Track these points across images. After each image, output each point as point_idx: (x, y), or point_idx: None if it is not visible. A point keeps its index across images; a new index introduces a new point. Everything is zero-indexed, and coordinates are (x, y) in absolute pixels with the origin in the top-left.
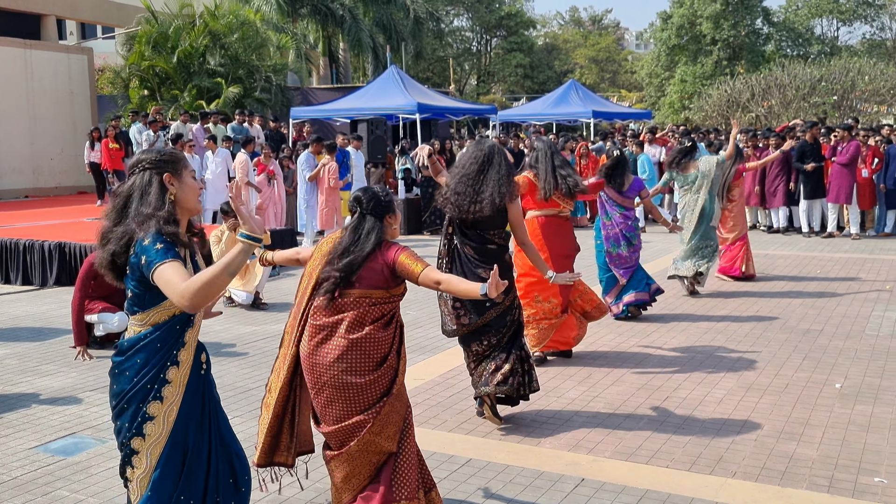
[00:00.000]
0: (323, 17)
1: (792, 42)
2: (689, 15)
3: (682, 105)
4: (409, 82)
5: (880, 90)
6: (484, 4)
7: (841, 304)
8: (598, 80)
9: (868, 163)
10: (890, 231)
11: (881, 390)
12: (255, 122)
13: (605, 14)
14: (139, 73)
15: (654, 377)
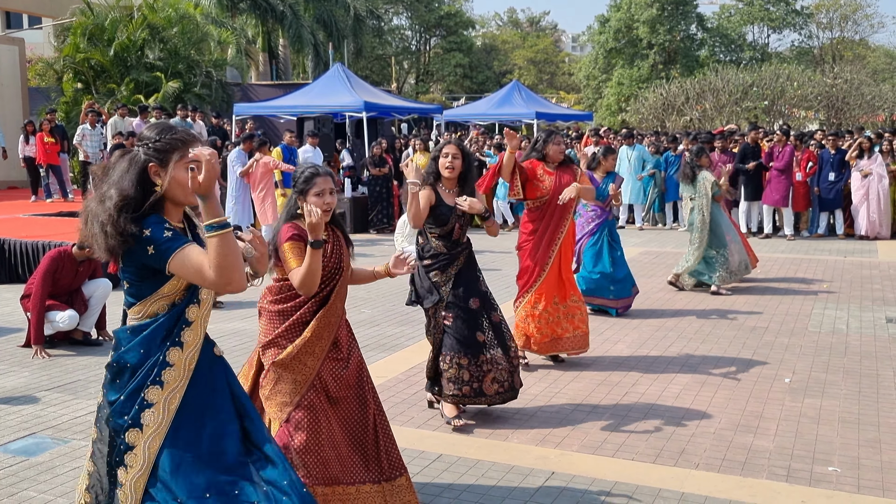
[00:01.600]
0: (263, 13)
1: (725, 48)
2: (627, 19)
3: (619, 107)
4: (354, 80)
5: (808, 96)
6: (423, 4)
7: (783, 303)
8: (536, 81)
9: (802, 167)
10: (822, 232)
11: (827, 384)
12: (198, 117)
13: (543, 16)
14: (74, 65)
15: (612, 373)
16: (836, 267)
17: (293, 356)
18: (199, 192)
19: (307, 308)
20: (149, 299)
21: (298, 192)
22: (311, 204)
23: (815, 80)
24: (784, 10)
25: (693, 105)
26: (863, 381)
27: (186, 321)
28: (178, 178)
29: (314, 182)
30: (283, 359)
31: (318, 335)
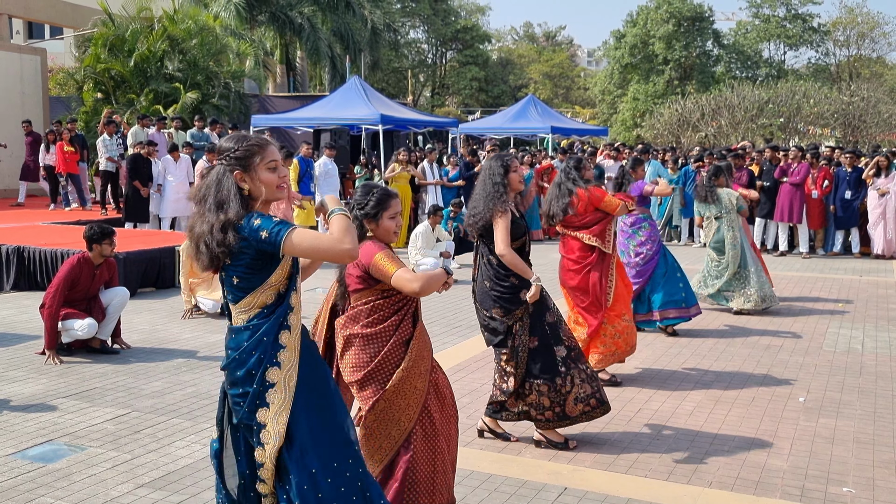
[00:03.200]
0: (281, 25)
1: (741, 64)
2: (643, 34)
3: (635, 122)
4: (371, 93)
5: (824, 114)
6: (440, 17)
7: (797, 321)
8: (551, 95)
9: (819, 184)
10: (838, 251)
11: (842, 405)
12: (216, 129)
13: (559, 30)
14: (94, 75)
15: (625, 389)
16: (852, 286)
17: (403, 379)
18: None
19: (405, 325)
20: (258, 290)
21: (368, 216)
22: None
23: (832, 98)
24: (801, 28)
25: (708, 121)
26: (878, 402)
27: (290, 307)
28: (263, 179)
29: (389, 204)
30: (396, 383)
31: (421, 354)
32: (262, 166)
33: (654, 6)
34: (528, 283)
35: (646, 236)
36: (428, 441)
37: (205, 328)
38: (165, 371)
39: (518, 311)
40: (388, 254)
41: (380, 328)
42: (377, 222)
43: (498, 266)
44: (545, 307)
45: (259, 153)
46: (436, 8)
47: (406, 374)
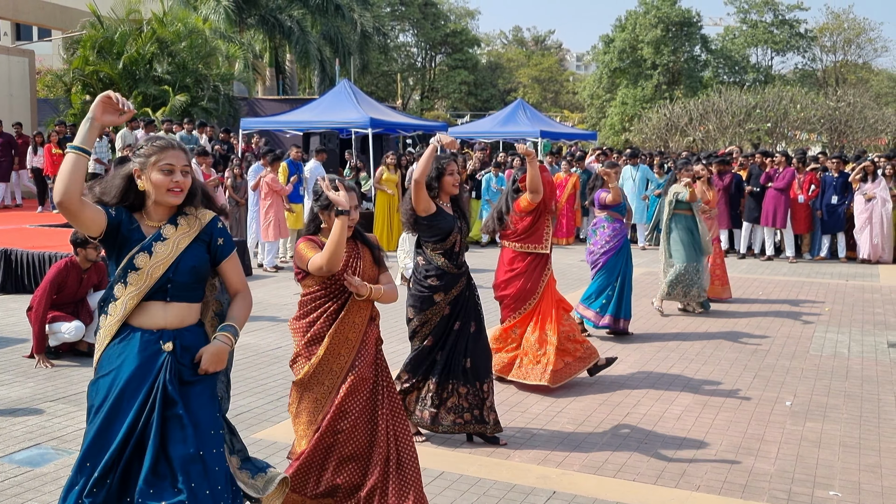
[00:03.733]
0: (270, 28)
1: (728, 69)
2: (631, 39)
3: (623, 127)
4: (361, 97)
5: (811, 119)
6: (430, 21)
7: (784, 325)
8: (540, 99)
9: (805, 189)
10: (825, 255)
11: (828, 408)
12: (205, 132)
13: (548, 35)
14: (82, 77)
15: (613, 393)
16: (838, 290)
17: (310, 375)
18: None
19: (321, 323)
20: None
21: (322, 207)
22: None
23: (819, 103)
24: (788, 33)
25: (696, 126)
26: (864, 406)
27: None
28: (153, 179)
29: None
30: (302, 378)
31: (334, 352)
32: (155, 167)
33: (642, 11)
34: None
35: (600, 236)
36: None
37: None
38: None
39: (428, 312)
40: (311, 244)
41: (302, 322)
42: (330, 214)
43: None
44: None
45: (157, 154)
46: (425, 12)
47: (313, 369)
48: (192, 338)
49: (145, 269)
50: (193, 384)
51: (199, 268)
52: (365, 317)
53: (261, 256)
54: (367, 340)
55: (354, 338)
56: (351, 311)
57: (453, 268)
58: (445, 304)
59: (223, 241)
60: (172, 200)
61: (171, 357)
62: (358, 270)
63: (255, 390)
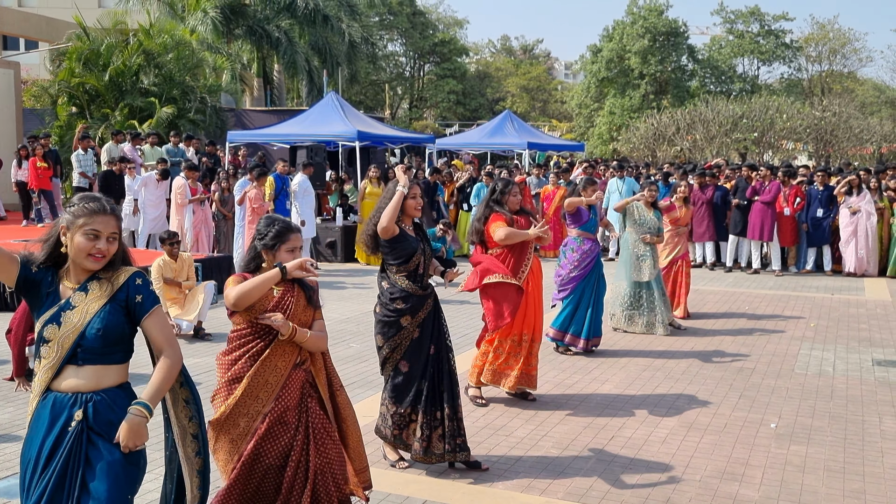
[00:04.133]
0: (258, 39)
1: (715, 79)
2: (619, 49)
3: (611, 136)
4: (348, 109)
5: (797, 128)
6: (418, 31)
7: (770, 342)
8: (528, 108)
9: (791, 202)
10: (810, 268)
11: (813, 430)
12: (192, 145)
13: (536, 44)
14: (68, 89)
15: (598, 416)
16: (824, 305)
17: (226, 415)
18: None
19: (243, 363)
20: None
21: (266, 247)
22: (282, 261)
23: (805, 113)
24: (774, 44)
25: (684, 135)
26: (848, 428)
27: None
28: (75, 241)
29: (287, 238)
30: (218, 418)
31: (252, 394)
32: (81, 230)
33: (629, 21)
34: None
35: (569, 258)
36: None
37: None
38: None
39: (397, 337)
40: (238, 280)
41: (225, 359)
42: (274, 254)
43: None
44: (432, 337)
45: (85, 217)
46: (414, 21)
47: (229, 410)
48: (108, 402)
49: (55, 342)
50: (103, 457)
51: (111, 331)
52: (289, 361)
53: None
54: (290, 385)
55: (275, 381)
56: (274, 354)
57: (418, 289)
58: (414, 328)
59: (142, 298)
60: (90, 266)
61: (81, 426)
62: (289, 312)
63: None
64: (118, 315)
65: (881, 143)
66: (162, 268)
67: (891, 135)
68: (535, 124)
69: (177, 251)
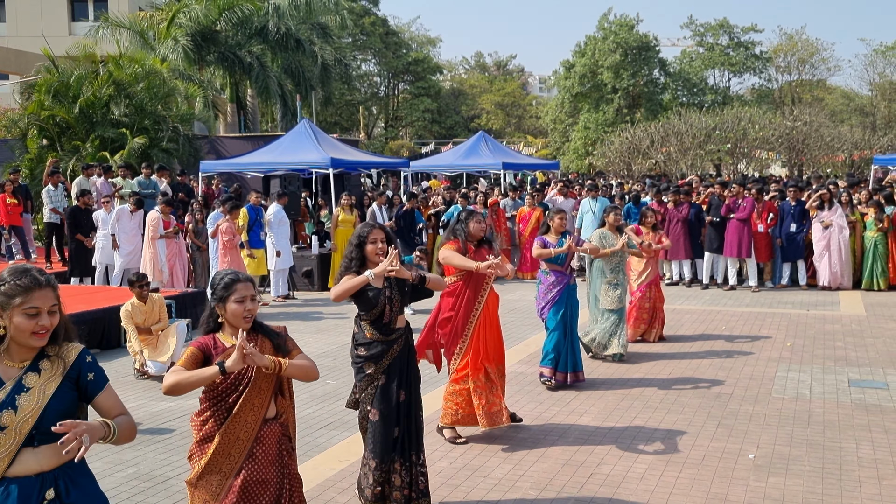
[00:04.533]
0: (230, 64)
1: (687, 91)
2: (591, 64)
3: (586, 151)
4: (321, 136)
5: (769, 138)
6: (391, 50)
7: (747, 365)
8: (504, 124)
9: (763, 218)
10: (786, 283)
11: (791, 460)
12: (164, 176)
13: (510, 59)
14: (38, 122)
15: (577, 451)
16: (800, 322)
17: (199, 475)
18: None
19: (213, 422)
20: None
21: (217, 300)
22: (232, 312)
23: (776, 123)
24: (744, 55)
25: (658, 148)
26: (826, 456)
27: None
28: (15, 322)
29: (234, 288)
30: (191, 478)
31: (224, 451)
32: (19, 310)
33: (601, 36)
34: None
35: (540, 289)
36: None
37: (150, 395)
38: (105, 448)
39: (363, 383)
40: (192, 352)
41: (197, 420)
42: (225, 306)
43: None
44: (402, 382)
45: (21, 295)
46: (387, 41)
47: (202, 469)
48: (73, 477)
49: (12, 427)
50: None
51: (68, 411)
52: (259, 415)
53: None
54: (263, 440)
55: (245, 437)
56: (243, 409)
57: (382, 336)
58: (379, 374)
59: (94, 376)
60: (36, 344)
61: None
62: (251, 368)
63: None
64: (72, 392)
65: (852, 151)
66: (131, 312)
67: (861, 142)
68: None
69: (146, 293)
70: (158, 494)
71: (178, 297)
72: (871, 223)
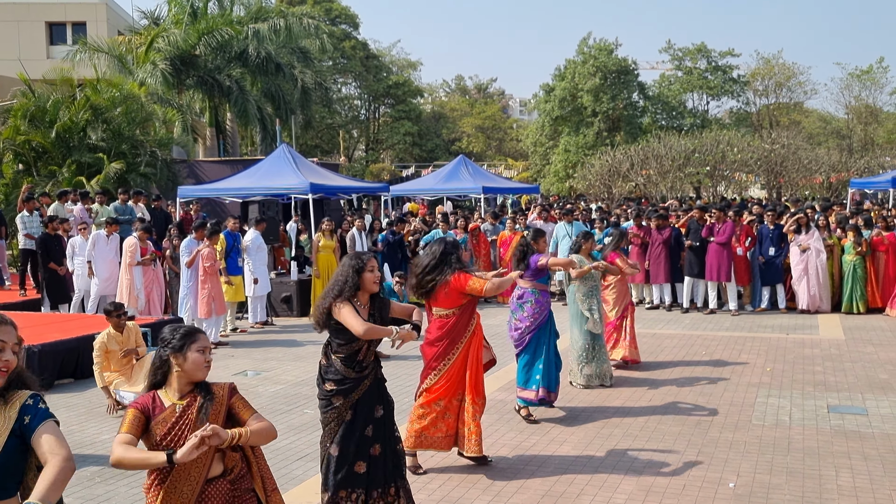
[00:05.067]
0: (209, 88)
1: (666, 115)
2: (571, 88)
3: (567, 174)
4: (300, 161)
5: (748, 161)
6: (372, 74)
7: (727, 390)
8: (484, 147)
9: (742, 241)
10: (765, 306)
11: (771, 489)
12: (140, 201)
13: (490, 82)
14: (14, 147)
15: (556, 482)
16: (779, 346)
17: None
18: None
19: (155, 489)
20: None
21: (174, 350)
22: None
23: (755, 146)
24: (721, 79)
25: (638, 171)
26: (806, 484)
27: None
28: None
29: (196, 337)
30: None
31: (176, 489)
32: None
33: (580, 60)
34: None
35: (528, 312)
36: None
37: None
38: (77, 482)
39: (328, 415)
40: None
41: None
42: (185, 355)
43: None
44: (370, 417)
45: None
46: (367, 64)
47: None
48: None
49: None
50: None
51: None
52: (195, 484)
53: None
54: (209, 499)
55: (189, 492)
56: (178, 479)
57: (352, 372)
58: (346, 409)
59: (30, 418)
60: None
61: None
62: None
63: None
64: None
65: (830, 173)
66: (106, 342)
67: (839, 164)
68: (492, 163)
69: (123, 323)
70: None
71: (154, 325)
72: (850, 247)
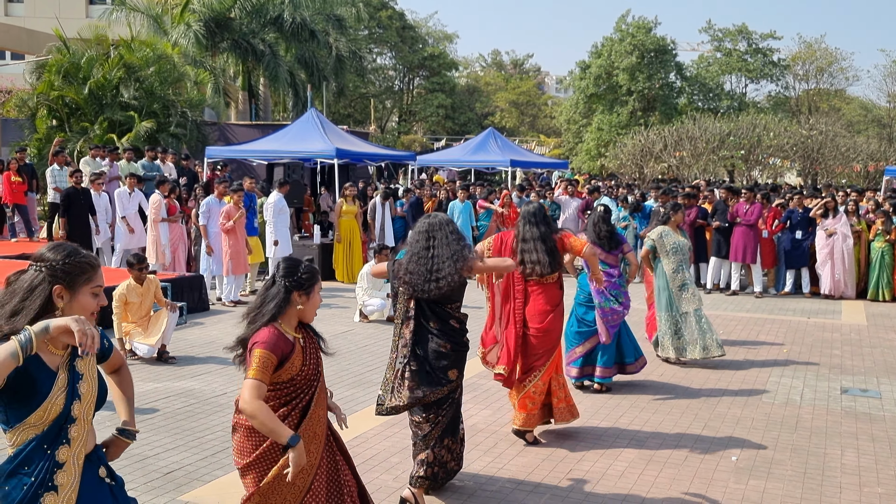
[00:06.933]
0: (243, 52)
1: (703, 96)
2: (607, 66)
3: (599, 153)
4: (328, 126)
5: (784, 146)
6: (408, 45)
7: (741, 369)
8: (517, 123)
9: (769, 224)
10: (789, 290)
11: (773, 464)
12: (169, 159)
13: (527, 58)
14: (48, 102)
15: (558, 447)
16: (799, 329)
17: (279, 477)
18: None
19: (288, 423)
20: (17, 428)
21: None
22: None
23: (791, 131)
24: (761, 62)
25: (671, 152)
26: (809, 461)
27: (57, 464)
28: (82, 302)
29: (318, 279)
30: (270, 482)
31: (304, 450)
32: (87, 288)
33: (618, 38)
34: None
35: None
36: None
37: (137, 376)
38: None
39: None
40: (265, 360)
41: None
42: (308, 296)
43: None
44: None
45: (90, 272)
46: (403, 35)
47: (281, 470)
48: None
49: (81, 417)
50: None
51: (103, 387)
52: (324, 408)
53: (219, 290)
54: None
55: (322, 432)
56: (319, 405)
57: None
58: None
59: (108, 341)
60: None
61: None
62: (319, 364)
63: (191, 444)
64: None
65: (868, 162)
66: (126, 294)
67: (877, 153)
68: (524, 139)
69: (145, 276)
70: (134, 473)
71: (175, 281)
72: (880, 234)
